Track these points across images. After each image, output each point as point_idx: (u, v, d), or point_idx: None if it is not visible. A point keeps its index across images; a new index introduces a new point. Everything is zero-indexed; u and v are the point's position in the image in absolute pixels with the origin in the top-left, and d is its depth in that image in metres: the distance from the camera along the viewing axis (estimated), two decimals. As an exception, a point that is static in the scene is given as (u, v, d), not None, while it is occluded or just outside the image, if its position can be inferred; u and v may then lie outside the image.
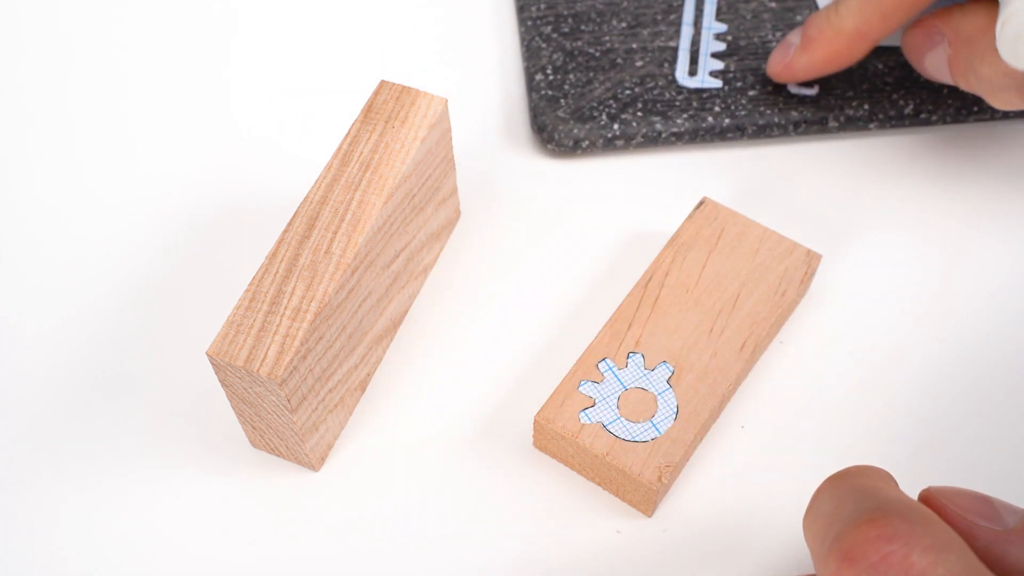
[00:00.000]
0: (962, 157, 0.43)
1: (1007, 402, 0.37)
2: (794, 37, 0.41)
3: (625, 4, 0.46)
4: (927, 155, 0.43)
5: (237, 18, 0.49)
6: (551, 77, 0.44)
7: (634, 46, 0.45)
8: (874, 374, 0.38)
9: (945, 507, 0.27)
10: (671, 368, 0.36)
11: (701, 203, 0.39)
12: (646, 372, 0.36)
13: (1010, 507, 0.27)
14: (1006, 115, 0.43)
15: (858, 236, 0.41)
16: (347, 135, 0.36)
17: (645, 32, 0.45)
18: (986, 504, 0.27)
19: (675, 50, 0.45)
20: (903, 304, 0.40)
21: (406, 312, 0.40)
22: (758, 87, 0.43)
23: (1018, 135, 0.44)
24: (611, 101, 0.43)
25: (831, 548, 0.24)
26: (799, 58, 0.41)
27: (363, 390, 0.38)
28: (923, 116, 0.43)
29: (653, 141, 0.43)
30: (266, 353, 0.32)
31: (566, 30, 0.45)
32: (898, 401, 0.37)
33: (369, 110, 0.37)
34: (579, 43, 0.45)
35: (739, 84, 0.43)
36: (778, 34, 0.45)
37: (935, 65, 0.39)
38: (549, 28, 0.46)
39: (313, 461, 0.36)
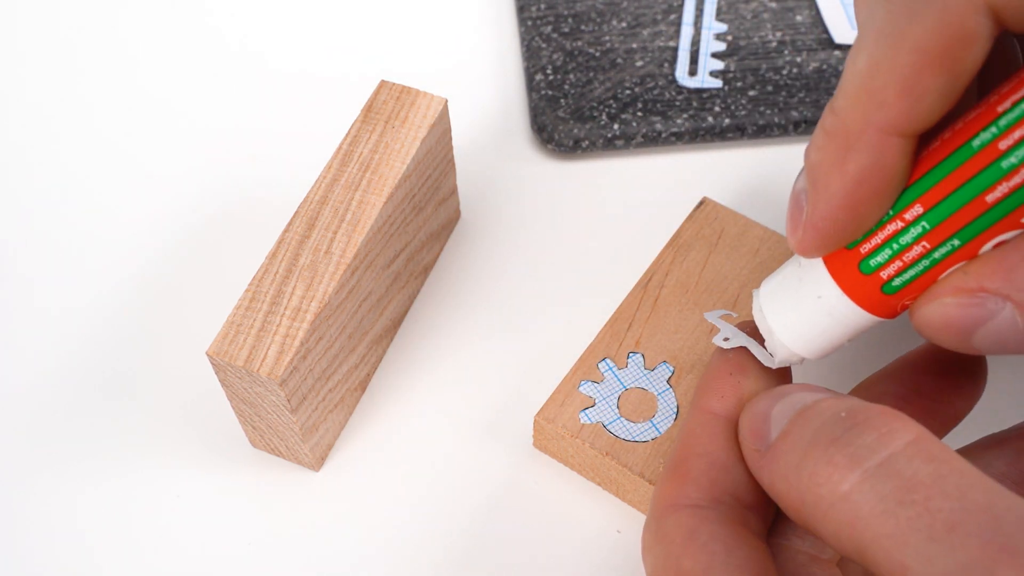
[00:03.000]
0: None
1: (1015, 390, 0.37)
2: (798, 188, 0.27)
3: (625, 4, 0.46)
4: (927, 155, 0.43)
5: (237, 18, 0.49)
6: (551, 77, 0.44)
7: (634, 46, 0.45)
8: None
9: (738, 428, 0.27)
10: (671, 368, 0.36)
11: (701, 203, 0.39)
12: (646, 372, 0.36)
13: (788, 408, 0.25)
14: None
15: (858, 236, 0.41)
16: (347, 135, 0.36)
17: (645, 32, 0.45)
18: (762, 418, 0.26)
19: (675, 50, 0.45)
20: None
21: (406, 312, 0.40)
22: (758, 87, 0.43)
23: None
24: (611, 101, 0.43)
25: None
26: (814, 211, 0.26)
27: (363, 390, 0.38)
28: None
29: (653, 141, 0.43)
30: (266, 353, 0.32)
31: (566, 30, 0.45)
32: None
33: (369, 110, 0.37)
34: (579, 43, 0.45)
35: (739, 84, 0.43)
36: (778, 34, 0.45)
37: (994, 339, 0.25)
38: (549, 28, 0.46)
39: (313, 461, 0.36)
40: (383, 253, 0.36)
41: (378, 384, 0.39)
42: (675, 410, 0.35)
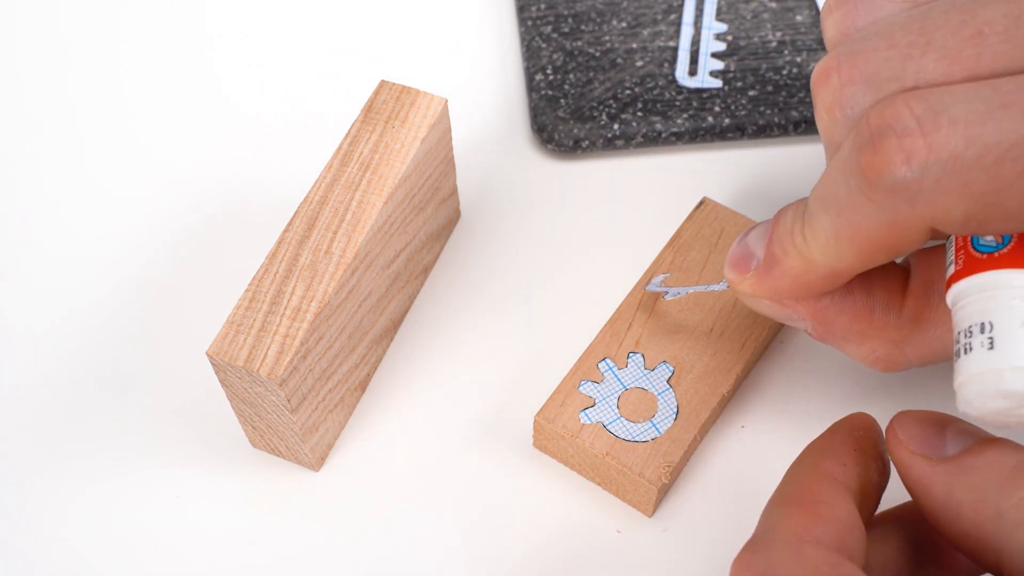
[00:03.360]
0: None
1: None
2: (755, 243, 0.31)
3: (625, 4, 0.46)
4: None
5: (237, 18, 0.49)
6: (551, 77, 0.44)
7: (634, 46, 0.45)
8: (874, 372, 0.38)
9: (892, 436, 0.27)
10: (671, 368, 0.36)
11: (701, 203, 0.39)
12: (646, 372, 0.36)
13: (966, 433, 0.27)
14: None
15: (858, 236, 0.41)
16: (347, 135, 0.36)
17: (645, 32, 0.45)
18: (935, 431, 0.27)
19: (675, 50, 0.45)
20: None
21: (406, 312, 0.40)
22: (758, 87, 0.43)
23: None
24: (611, 101, 0.43)
25: None
26: (761, 282, 0.31)
27: (363, 390, 0.38)
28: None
29: (653, 141, 0.43)
30: (266, 353, 0.32)
31: (566, 30, 0.45)
32: (898, 397, 0.37)
33: (369, 110, 0.37)
34: (579, 43, 0.45)
35: (739, 84, 0.43)
36: (778, 34, 0.45)
37: None
38: (549, 28, 0.46)
39: (313, 461, 0.36)
40: (383, 253, 0.36)
41: (378, 384, 0.38)
42: (675, 410, 0.35)
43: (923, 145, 0.24)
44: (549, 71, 0.44)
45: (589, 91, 0.43)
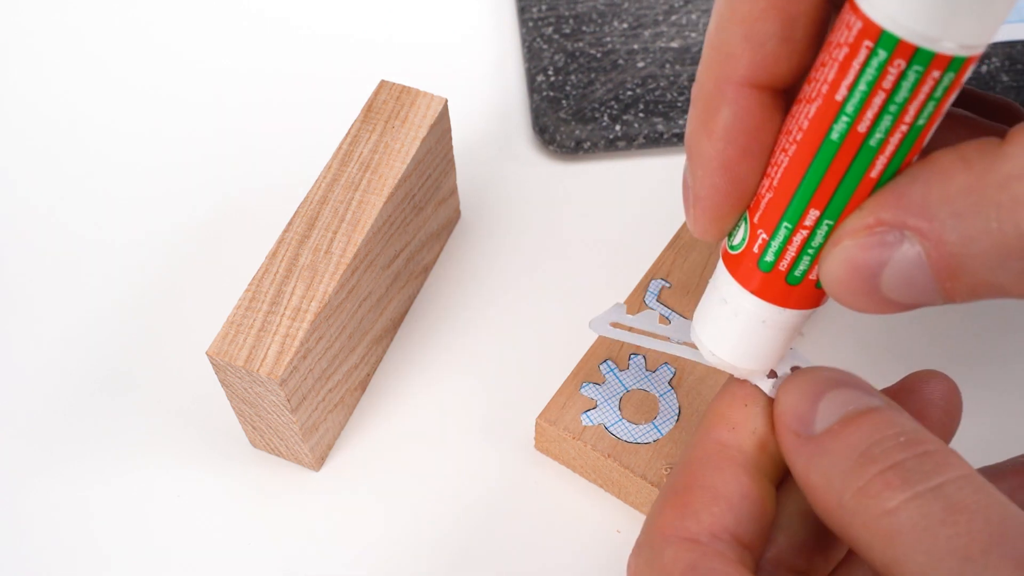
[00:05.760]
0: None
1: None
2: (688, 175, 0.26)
3: (626, 5, 0.46)
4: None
5: (237, 18, 0.49)
6: (552, 78, 0.44)
7: (635, 47, 0.45)
8: (875, 374, 0.38)
9: (775, 401, 0.26)
10: (672, 369, 0.36)
11: (702, 204, 0.39)
12: (648, 373, 0.36)
13: (842, 404, 0.25)
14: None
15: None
16: (347, 135, 0.36)
17: (646, 33, 0.45)
18: (809, 402, 0.25)
19: (676, 50, 0.44)
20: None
21: (406, 312, 0.40)
22: (759, 88, 0.43)
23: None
24: (613, 102, 0.43)
25: None
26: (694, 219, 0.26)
27: (363, 390, 0.38)
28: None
29: (655, 142, 0.43)
30: (266, 353, 0.32)
31: (567, 31, 0.45)
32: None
33: (369, 110, 0.37)
34: (580, 44, 0.45)
35: (740, 85, 0.43)
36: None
37: (901, 279, 0.23)
38: (550, 29, 0.45)
39: (313, 461, 0.36)
40: (383, 253, 0.36)
41: (378, 384, 0.38)
42: (677, 412, 0.35)
43: None
44: (550, 72, 0.44)
45: (591, 92, 0.43)
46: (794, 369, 0.27)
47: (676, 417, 0.35)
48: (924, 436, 0.24)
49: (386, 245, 0.36)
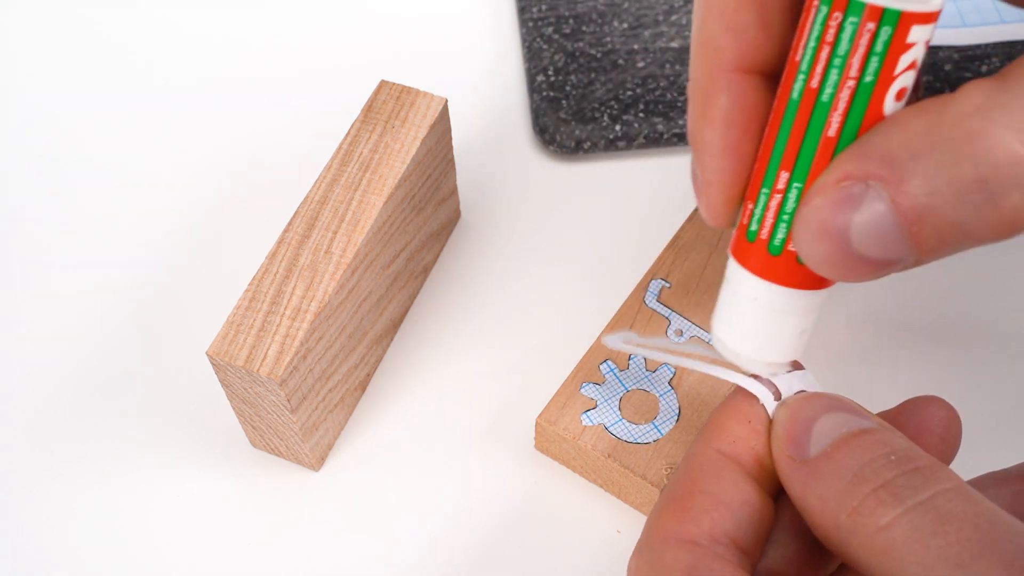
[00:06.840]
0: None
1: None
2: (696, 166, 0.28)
3: (626, 5, 0.46)
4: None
5: (237, 19, 0.49)
6: (552, 78, 0.44)
7: (635, 47, 0.45)
8: (875, 373, 0.38)
9: (772, 425, 0.27)
10: (672, 370, 0.36)
11: (702, 204, 0.39)
12: (648, 373, 0.36)
13: (835, 427, 0.26)
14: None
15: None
16: (347, 135, 0.36)
17: (646, 33, 0.45)
18: (803, 427, 0.26)
19: (676, 50, 0.44)
20: (906, 300, 0.39)
21: (406, 312, 0.40)
22: (759, 88, 0.43)
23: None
24: (613, 102, 0.43)
25: None
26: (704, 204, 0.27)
27: (363, 390, 0.38)
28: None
29: (655, 142, 0.43)
30: (266, 353, 0.32)
31: (567, 31, 0.45)
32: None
33: (369, 110, 0.37)
34: (580, 44, 0.45)
35: (740, 85, 0.43)
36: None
37: (871, 233, 0.23)
38: (550, 29, 0.45)
39: (313, 461, 0.36)
40: (383, 253, 0.36)
41: (378, 384, 0.38)
42: (676, 412, 0.35)
43: None
44: (550, 72, 0.44)
45: (591, 92, 0.43)
46: (798, 393, 0.27)
47: (676, 417, 0.35)
48: (915, 453, 0.24)
49: (386, 245, 0.36)
